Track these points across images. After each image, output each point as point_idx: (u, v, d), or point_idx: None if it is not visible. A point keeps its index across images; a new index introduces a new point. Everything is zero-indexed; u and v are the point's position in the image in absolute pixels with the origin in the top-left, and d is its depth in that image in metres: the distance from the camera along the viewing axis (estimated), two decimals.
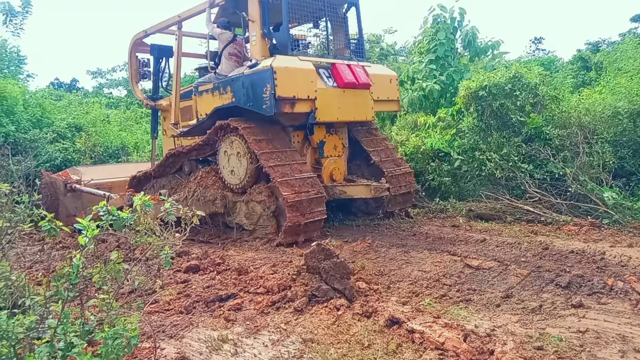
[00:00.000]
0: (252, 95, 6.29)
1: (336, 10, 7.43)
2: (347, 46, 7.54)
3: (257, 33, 6.54)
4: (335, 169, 7.12)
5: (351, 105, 6.77)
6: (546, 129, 8.26)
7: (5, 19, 18.88)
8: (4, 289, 2.66)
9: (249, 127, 6.44)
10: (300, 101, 6.19)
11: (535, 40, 37.49)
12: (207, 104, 7.07)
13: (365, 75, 6.93)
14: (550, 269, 5.01)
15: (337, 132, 7.24)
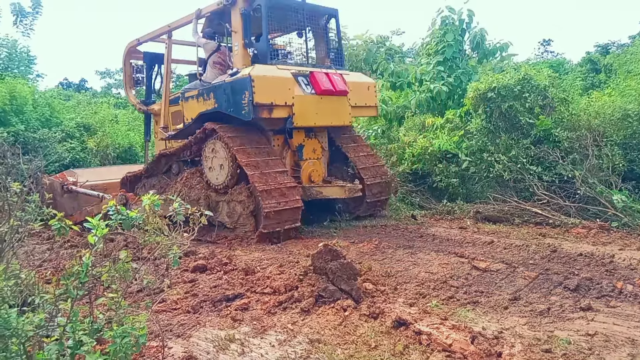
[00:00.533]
0: (232, 102, 6.67)
1: (317, 21, 7.78)
2: (328, 55, 7.87)
3: (239, 43, 6.92)
4: (313, 171, 7.45)
5: (329, 110, 7.13)
6: (555, 131, 8.21)
7: (16, 20, 19.07)
8: (14, 287, 2.68)
9: (231, 131, 6.80)
10: (277, 107, 6.57)
11: (543, 42, 37.34)
12: (193, 109, 7.49)
13: (342, 83, 7.26)
14: (558, 271, 4.98)
15: (317, 136, 7.58)
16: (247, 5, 6.89)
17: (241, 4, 6.90)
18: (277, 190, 6.47)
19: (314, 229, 7.86)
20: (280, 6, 7.18)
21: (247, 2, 6.92)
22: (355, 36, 12.68)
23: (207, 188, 7.21)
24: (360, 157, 7.74)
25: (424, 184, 9.87)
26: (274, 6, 7.05)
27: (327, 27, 7.89)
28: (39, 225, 3.06)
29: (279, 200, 6.42)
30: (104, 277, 2.63)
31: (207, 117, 7.23)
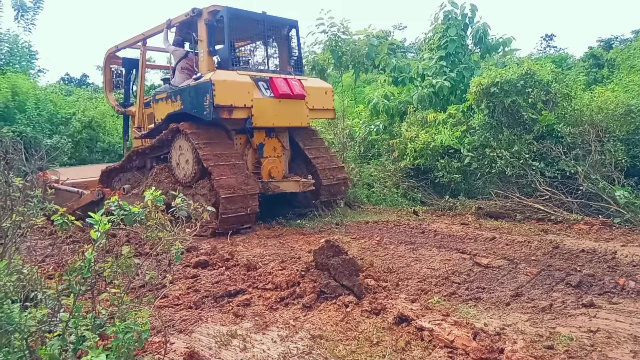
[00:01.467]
0: (196, 103, 7.28)
1: (280, 32, 8.50)
2: (289, 62, 8.51)
3: (204, 51, 7.53)
4: (273, 168, 8.02)
5: (287, 112, 7.74)
6: (558, 126, 8.18)
7: (17, 15, 19.03)
8: (17, 282, 2.68)
9: (195, 130, 7.34)
10: (237, 109, 7.14)
11: (546, 37, 37.20)
12: (162, 111, 8.14)
13: (300, 87, 7.83)
14: (560, 267, 4.97)
15: (278, 135, 8.15)
16: (211, 16, 7.49)
17: (206, 16, 7.49)
18: (235, 183, 6.97)
19: (315, 225, 7.87)
20: (242, 18, 7.76)
21: (211, 14, 7.51)
22: (358, 31, 12.62)
23: (174, 182, 7.70)
24: (319, 158, 8.29)
25: (426, 179, 9.85)
26: (236, 18, 7.62)
27: (289, 37, 8.55)
28: (41, 220, 3.05)
29: (237, 191, 6.90)
30: (107, 272, 2.63)
31: (175, 118, 7.78)
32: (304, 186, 7.82)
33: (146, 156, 8.56)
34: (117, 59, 10.15)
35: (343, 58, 12.34)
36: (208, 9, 7.56)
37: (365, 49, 12.08)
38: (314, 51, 13.06)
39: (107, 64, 10.29)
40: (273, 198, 8.04)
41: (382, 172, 10.46)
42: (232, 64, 7.55)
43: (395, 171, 10.16)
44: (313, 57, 13.03)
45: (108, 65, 10.27)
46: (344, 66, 12.71)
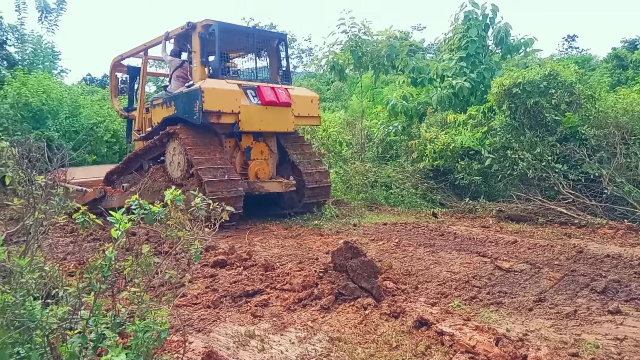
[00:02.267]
0: (187, 109, 7.83)
1: (270, 44, 9.16)
2: (278, 72, 9.09)
3: (197, 61, 8.16)
4: (259, 169, 8.55)
5: (273, 118, 8.27)
6: (582, 128, 8.01)
7: (41, 16, 19.41)
8: (38, 279, 2.70)
9: (187, 133, 7.88)
10: (225, 114, 7.68)
11: (568, 38, 36.57)
12: (159, 115, 8.77)
13: (286, 96, 8.35)
14: (585, 273, 4.85)
15: (265, 140, 8.66)
16: (204, 30, 8.06)
17: (199, 29, 8.07)
18: (221, 181, 7.49)
19: (333, 225, 7.83)
20: (232, 31, 8.42)
21: (204, 27, 8.07)
22: (379, 31, 12.55)
23: (168, 181, 8.25)
24: (305, 162, 8.78)
25: (445, 181, 9.74)
26: (227, 31, 8.23)
27: (279, 49, 9.15)
28: (63, 218, 3.08)
29: (222, 189, 7.36)
30: (127, 271, 2.64)
31: (169, 121, 8.36)
32: (286, 187, 8.31)
33: (144, 157, 9.13)
34: (122, 66, 10.82)
35: (363, 59, 12.28)
36: (202, 22, 8.11)
37: (386, 50, 12.00)
38: (334, 51, 13.00)
39: (113, 71, 11.02)
40: (262, 198, 8.50)
41: (401, 173, 10.37)
42: (222, 73, 8.12)
43: (414, 172, 10.07)
44: (332, 57, 12.97)
45: (114, 72, 11.00)
46: (364, 67, 12.64)
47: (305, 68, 32.62)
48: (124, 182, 9.32)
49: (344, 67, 13.18)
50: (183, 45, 8.94)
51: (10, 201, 3.09)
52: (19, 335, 2.37)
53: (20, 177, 3.07)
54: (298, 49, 33.58)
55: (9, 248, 3.15)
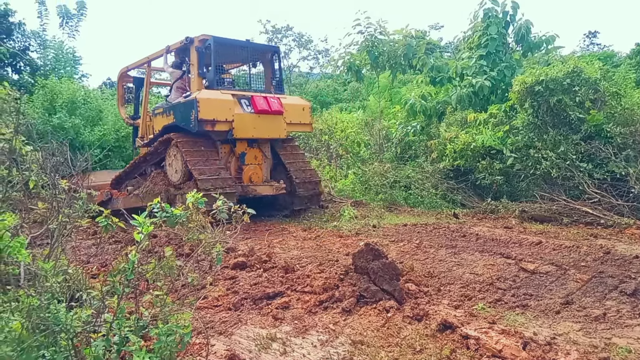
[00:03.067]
0: (184, 117, 8.32)
1: (264, 56, 9.72)
2: (272, 82, 9.58)
3: (194, 73, 8.63)
4: (253, 174, 9.02)
5: (266, 126, 8.73)
6: (607, 126, 7.81)
7: (62, 22, 19.75)
8: (63, 282, 2.72)
9: (184, 140, 8.40)
10: (219, 122, 8.14)
11: (589, 35, 35.84)
12: (159, 123, 9.28)
13: (278, 105, 8.80)
14: (613, 274, 4.71)
15: (259, 146, 9.15)
16: (201, 44, 8.55)
17: (197, 43, 8.55)
18: (212, 178, 7.96)
19: (352, 227, 7.78)
20: (227, 45, 8.94)
21: (201, 42, 8.56)
22: (395, 31, 12.44)
23: (167, 184, 8.77)
24: (295, 166, 9.26)
25: (466, 181, 9.60)
26: (222, 45, 8.75)
27: (272, 61, 9.66)
28: (87, 222, 3.10)
29: (214, 186, 7.76)
30: (149, 274, 2.63)
31: (169, 129, 8.87)
32: (276, 190, 8.90)
33: (147, 163, 9.67)
34: (129, 77, 11.39)
35: (380, 58, 12.19)
36: (199, 37, 8.61)
37: (403, 50, 11.89)
38: (350, 52, 12.94)
39: (119, 82, 11.56)
40: (258, 201, 8.75)
41: (420, 174, 10.26)
42: (218, 84, 8.64)
43: (434, 172, 9.95)
44: (349, 58, 12.91)
45: (120, 82, 11.54)
46: (381, 67, 12.55)
47: (322, 69, 32.59)
48: (129, 185, 9.79)
49: (361, 68, 13.10)
50: (182, 58, 9.48)
51: (35, 205, 3.12)
52: (44, 339, 2.39)
53: (44, 180, 3.10)
54: (314, 50, 33.55)
55: (34, 251, 3.18)
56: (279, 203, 9.51)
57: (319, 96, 24.62)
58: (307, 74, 33.11)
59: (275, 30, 30.74)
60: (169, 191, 8.64)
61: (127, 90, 11.40)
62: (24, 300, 2.36)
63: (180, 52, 9.30)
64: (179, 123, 8.52)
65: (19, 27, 18.06)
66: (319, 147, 14.06)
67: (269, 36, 30.71)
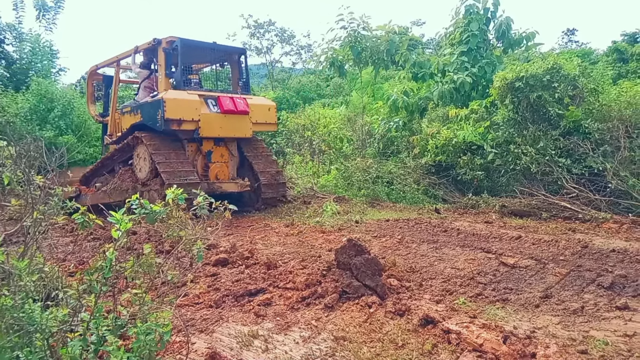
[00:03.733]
0: (151, 117, 8.57)
1: (231, 57, 10.05)
2: (238, 83, 9.90)
3: (162, 73, 8.87)
4: (219, 171, 9.31)
5: (231, 125, 9.02)
6: (585, 122, 7.94)
7: (39, 14, 19.28)
8: (38, 281, 2.65)
9: (151, 139, 8.63)
10: (185, 122, 8.39)
11: (567, 32, 36.32)
12: (127, 122, 9.55)
13: (244, 105, 9.09)
14: (590, 268, 4.80)
15: (226, 144, 9.44)
16: (168, 45, 8.80)
17: (164, 44, 8.79)
18: (176, 171, 8.25)
19: (335, 222, 7.78)
20: (193, 47, 9.17)
21: (168, 43, 8.81)
22: (378, 26, 12.44)
23: (135, 181, 9.04)
24: (260, 164, 9.62)
25: (447, 176, 9.68)
26: (188, 46, 8.97)
27: (240, 62, 9.96)
28: (63, 218, 3.02)
29: (176, 177, 8.07)
30: (128, 272, 2.58)
31: (137, 128, 9.12)
32: (241, 187, 9.08)
33: (115, 160, 9.90)
34: (98, 75, 11.55)
35: (362, 54, 12.19)
36: (166, 38, 8.84)
37: (386, 45, 11.90)
38: (333, 47, 12.91)
39: (89, 80, 11.74)
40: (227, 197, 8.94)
41: (402, 169, 10.30)
42: (184, 84, 8.90)
43: (416, 168, 10.00)
44: (331, 54, 12.88)
45: (90, 80, 11.72)
46: (363, 62, 12.54)
47: (305, 65, 32.48)
48: (97, 182, 9.94)
49: (344, 63, 13.09)
50: (150, 58, 9.72)
51: (9, 201, 3.04)
52: (18, 339, 2.32)
53: (18, 176, 3.01)
54: (297, 46, 33.37)
55: (8, 249, 3.10)
56: (244, 200, 9.75)
57: (301, 92, 24.53)
58: (289, 70, 32.95)
59: (258, 25, 30.46)
60: (137, 188, 8.89)
61: (97, 88, 11.65)
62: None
63: (148, 52, 9.52)
64: (146, 122, 8.76)
65: None
66: (301, 142, 14.02)
67: (251, 31, 30.44)
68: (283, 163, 14.48)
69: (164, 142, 8.68)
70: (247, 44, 30.70)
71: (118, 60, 10.28)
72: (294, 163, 13.55)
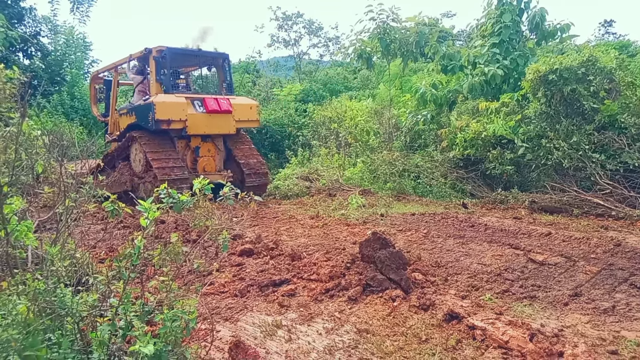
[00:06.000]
0: (144, 118, 9.57)
1: (216, 61, 11.13)
2: (223, 85, 10.99)
3: (153, 79, 9.87)
4: (207, 164, 10.35)
5: (216, 123, 10.03)
6: (621, 116, 7.67)
7: (73, 7, 19.74)
8: (69, 267, 2.73)
9: (145, 137, 9.66)
10: (174, 122, 9.36)
11: (605, 23, 35.11)
12: (125, 122, 10.63)
13: (227, 105, 10.12)
14: (623, 267, 4.66)
15: (213, 140, 10.44)
16: (158, 54, 9.76)
17: (154, 53, 9.75)
18: (167, 167, 9.23)
19: (360, 215, 7.76)
20: (182, 54, 10.43)
21: (158, 52, 9.76)
22: (408, 18, 12.27)
23: (132, 175, 10.06)
24: (244, 157, 10.53)
25: (476, 170, 9.51)
26: (177, 54, 10.17)
27: (224, 66, 11.06)
28: (93, 206, 3.10)
29: (168, 172, 9.02)
30: (155, 260, 2.63)
31: (132, 127, 10.17)
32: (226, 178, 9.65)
33: (115, 157, 10.91)
34: (100, 79, 12.57)
35: (391, 46, 12.04)
36: (156, 48, 9.79)
37: (415, 37, 11.73)
38: (362, 39, 12.80)
39: (92, 83, 12.83)
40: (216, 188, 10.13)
41: (429, 163, 10.18)
42: (173, 88, 9.96)
43: (443, 162, 9.86)
44: (360, 45, 12.77)
45: (92, 84, 12.78)
46: (392, 54, 12.40)
47: (332, 57, 32.34)
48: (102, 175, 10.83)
49: (372, 55, 12.96)
50: (143, 65, 10.69)
51: (42, 189, 3.13)
52: (50, 322, 2.40)
53: (52, 165, 3.10)
54: (325, 38, 33.21)
55: (42, 235, 3.20)
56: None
57: (328, 84, 24.43)
58: (317, 62, 32.88)
59: (286, 17, 30.46)
60: (134, 180, 9.95)
61: (99, 90, 12.55)
62: (30, 283, 2.37)
63: (141, 60, 10.51)
64: (140, 122, 9.78)
65: (30, 12, 18.06)
66: (327, 135, 13.99)
67: (279, 23, 30.46)
68: (309, 155, 14.49)
69: (156, 140, 9.71)
70: (275, 36, 30.77)
71: (116, 67, 11.35)
72: (320, 155, 13.55)
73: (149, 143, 9.57)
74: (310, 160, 13.99)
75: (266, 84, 22.52)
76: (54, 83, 18.06)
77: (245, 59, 27.91)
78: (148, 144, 9.53)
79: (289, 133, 17.25)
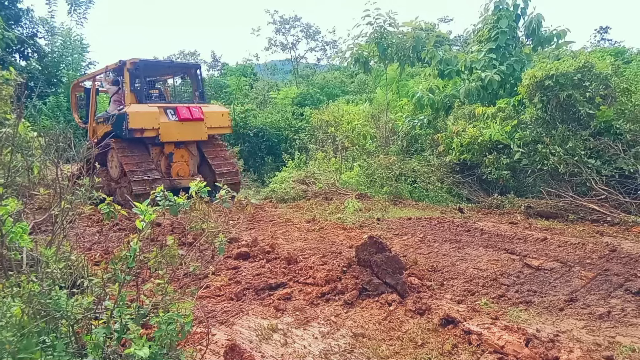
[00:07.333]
0: (119, 127, 10.03)
1: (189, 71, 11.96)
2: (195, 94, 11.57)
3: (127, 89, 10.34)
4: (180, 169, 10.83)
5: (188, 130, 10.56)
6: (617, 122, 7.70)
7: (70, 9, 19.72)
8: (64, 269, 2.71)
9: (120, 144, 10.15)
10: (147, 130, 9.87)
11: (600, 30, 35.35)
12: (101, 130, 11.03)
13: (199, 113, 10.65)
14: (618, 272, 4.68)
15: (187, 146, 10.92)
16: (132, 65, 10.21)
17: (128, 65, 10.20)
18: (139, 170, 9.77)
19: (356, 219, 7.76)
20: (153, 65, 11.23)
21: (132, 64, 10.22)
22: (405, 23, 12.32)
23: (109, 180, 10.66)
24: (216, 159, 11.06)
25: (472, 175, 9.53)
26: (149, 66, 10.88)
27: (196, 75, 11.66)
28: (89, 208, 3.09)
29: (144, 185, 9.50)
30: (151, 262, 2.62)
31: (108, 135, 10.42)
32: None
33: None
34: (80, 87, 13.00)
35: (388, 50, 12.08)
36: (130, 60, 10.25)
37: (412, 42, 11.77)
38: (359, 43, 12.83)
39: (72, 91, 13.17)
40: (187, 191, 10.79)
41: (426, 167, 10.20)
42: (146, 98, 10.44)
43: (440, 166, 9.88)
44: (357, 50, 12.80)
45: (74, 92, 13.14)
46: (389, 59, 12.44)
47: (329, 61, 32.42)
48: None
49: (369, 60, 12.99)
50: (118, 76, 11.12)
51: (38, 191, 3.12)
52: (44, 325, 2.39)
53: (47, 166, 3.09)
54: (322, 42, 33.31)
55: (37, 237, 3.18)
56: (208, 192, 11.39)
57: (325, 88, 24.48)
58: (314, 66, 32.95)
59: (283, 20, 30.53)
60: (110, 185, 10.54)
61: (80, 98, 13.06)
62: (25, 285, 2.35)
63: (116, 71, 10.96)
64: (115, 131, 10.18)
65: (27, 14, 18.06)
66: (324, 139, 14.00)
67: (276, 26, 30.53)
68: (306, 159, 14.49)
69: (130, 147, 10.21)
70: (273, 40, 30.82)
71: (94, 76, 11.95)
72: (316, 159, 13.55)
73: (123, 150, 10.12)
74: (307, 164, 14.00)
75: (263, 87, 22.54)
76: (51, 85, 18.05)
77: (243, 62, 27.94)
78: (122, 151, 10.09)
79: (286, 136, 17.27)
